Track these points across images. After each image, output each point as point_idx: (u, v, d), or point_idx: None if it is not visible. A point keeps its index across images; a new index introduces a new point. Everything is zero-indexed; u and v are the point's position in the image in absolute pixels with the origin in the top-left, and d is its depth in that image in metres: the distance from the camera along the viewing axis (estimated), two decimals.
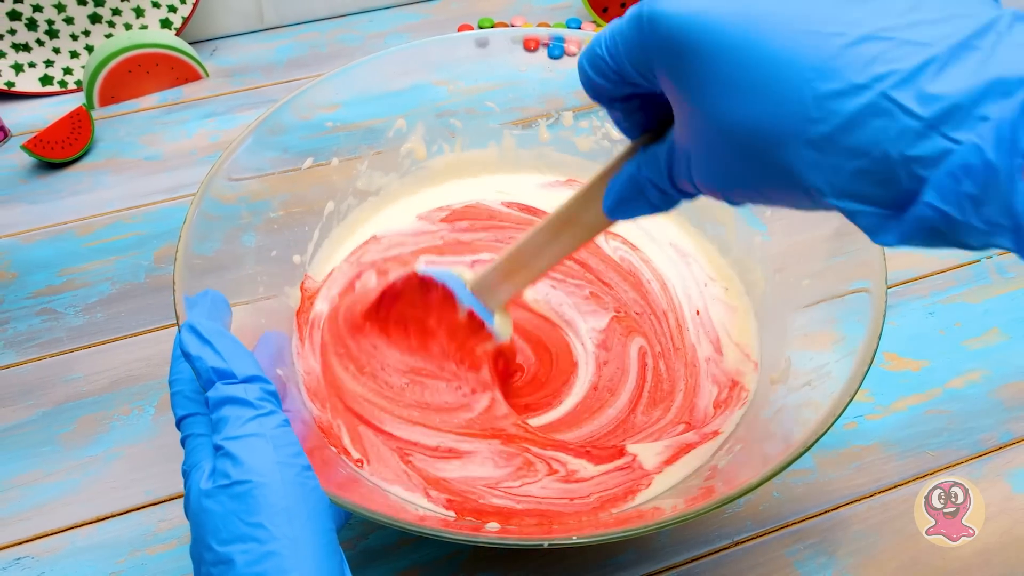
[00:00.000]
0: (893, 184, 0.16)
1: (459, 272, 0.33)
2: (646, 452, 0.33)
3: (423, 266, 0.33)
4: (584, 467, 0.32)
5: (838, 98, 0.16)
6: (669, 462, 0.32)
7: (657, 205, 0.23)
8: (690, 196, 0.22)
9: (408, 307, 0.34)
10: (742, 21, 0.17)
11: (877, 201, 0.16)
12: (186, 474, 0.23)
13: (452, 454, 0.32)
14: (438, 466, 0.32)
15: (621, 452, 0.32)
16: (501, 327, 0.32)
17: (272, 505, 0.21)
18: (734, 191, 0.19)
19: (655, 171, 0.22)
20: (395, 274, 0.34)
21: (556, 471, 0.32)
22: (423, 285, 0.33)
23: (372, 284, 0.37)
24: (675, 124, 0.21)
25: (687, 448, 0.33)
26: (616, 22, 0.20)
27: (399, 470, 0.31)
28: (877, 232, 0.17)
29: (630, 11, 0.20)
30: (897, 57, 0.15)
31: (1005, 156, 0.14)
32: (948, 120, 0.15)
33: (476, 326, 0.32)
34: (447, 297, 0.32)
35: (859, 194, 0.16)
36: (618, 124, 0.24)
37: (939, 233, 0.16)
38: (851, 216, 0.17)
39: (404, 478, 0.31)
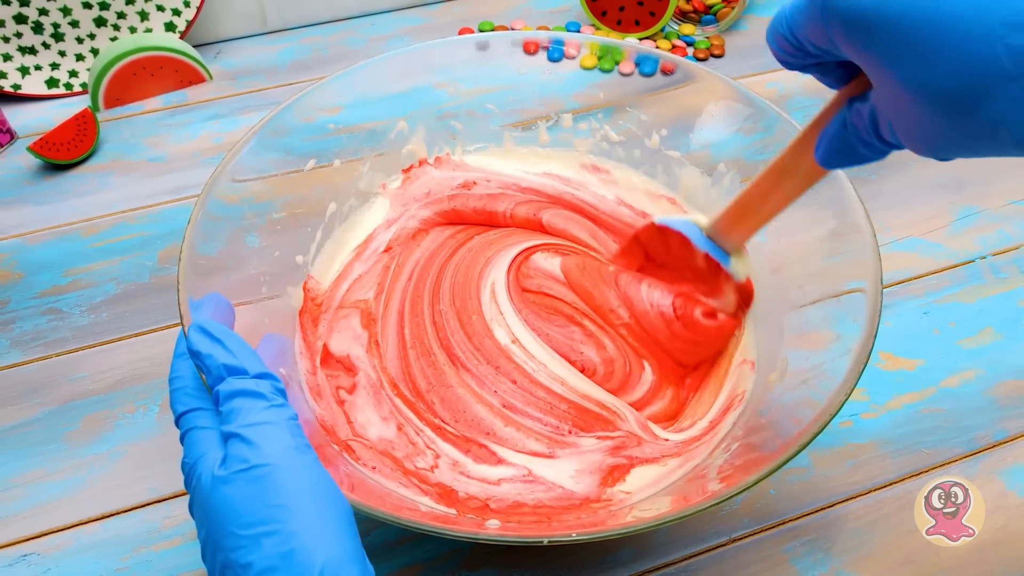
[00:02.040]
0: None
1: (695, 219, 0.35)
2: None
3: (660, 217, 0.36)
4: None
5: None
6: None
7: (866, 157, 0.24)
8: (899, 148, 0.22)
9: (651, 254, 0.37)
10: None
11: None
12: (190, 467, 0.23)
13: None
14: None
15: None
16: (737, 267, 0.35)
17: (294, 487, 0.21)
18: (940, 148, 0.20)
19: (861, 129, 0.22)
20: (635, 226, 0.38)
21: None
22: (661, 233, 0.36)
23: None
24: (874, 87, 0.21)
25: (686, 445, 0.33)
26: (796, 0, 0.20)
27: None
28: None
29: None
30: None
31: None
32: None
33: (714, 268, 0.35)
34: (684, 243, 0.35)
35: None
36: (820, 79, 0.24)
37: None
38: None
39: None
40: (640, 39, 0.61)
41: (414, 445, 0.33)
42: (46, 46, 0.56)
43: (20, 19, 0.55)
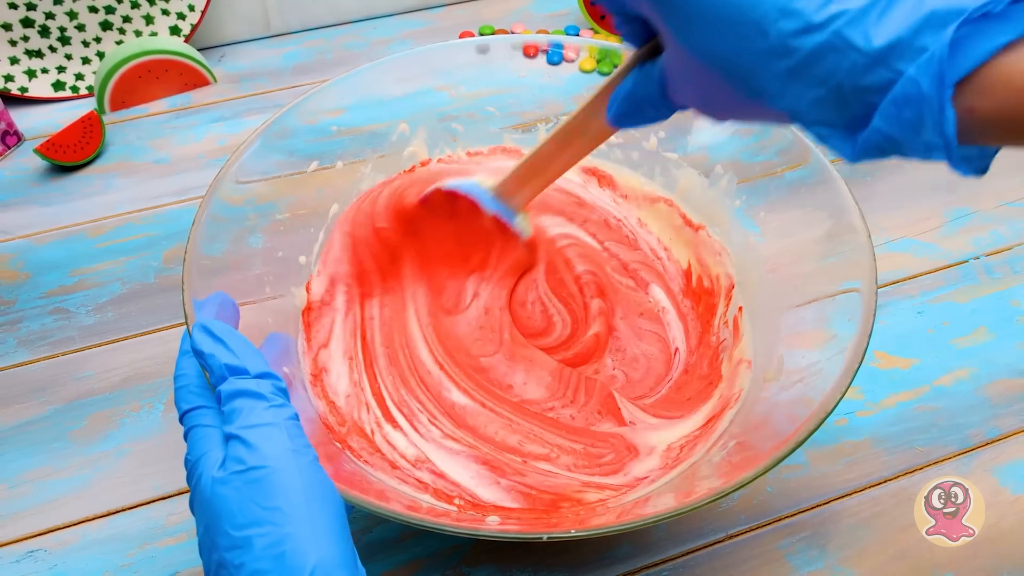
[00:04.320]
0: (848, 110, 0.18)
1: (480, 181, 0.35)
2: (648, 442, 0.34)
3: (448, 181, 0.36)
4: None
5: (798, 36, 0.17)
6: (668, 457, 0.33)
7: (654, 117, 0.25)
8: (683, 109, 0.24)
9: (437, 221, 0.37)
10: None
11: (835, 123, 0.18)
12: (192, 464, 0.23)
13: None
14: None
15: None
16: (523, 225, 0.36)
17: (288, 490, 0.21)
18: (717, 110, 0.21)
19: (650, 89, 0.24)
20: (421, 192, 0.37)
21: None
22: (448, 198, 0.36)
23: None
24: (663, 48, 0.22)
25: (686, 444, 0.33)
26: None
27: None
28: (837, 149, 0.19)
29: None
30: None
31: (936, 86, 0.16)
32: (891, 53, 0.16)
33: (501, 227, 0.35)
34: (472, 206, 0.35)
35: (820, 118, 0.18)
36: (619, 31, 0.25)
37: (887, 151, 0.18)
38: (816, 136, 0.19)
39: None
40: None
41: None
42: (53, 50, 0.57)
43: (27, 23, 0.55)
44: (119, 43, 0.58)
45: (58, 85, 0.58)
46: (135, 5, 0.57)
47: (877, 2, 0.16)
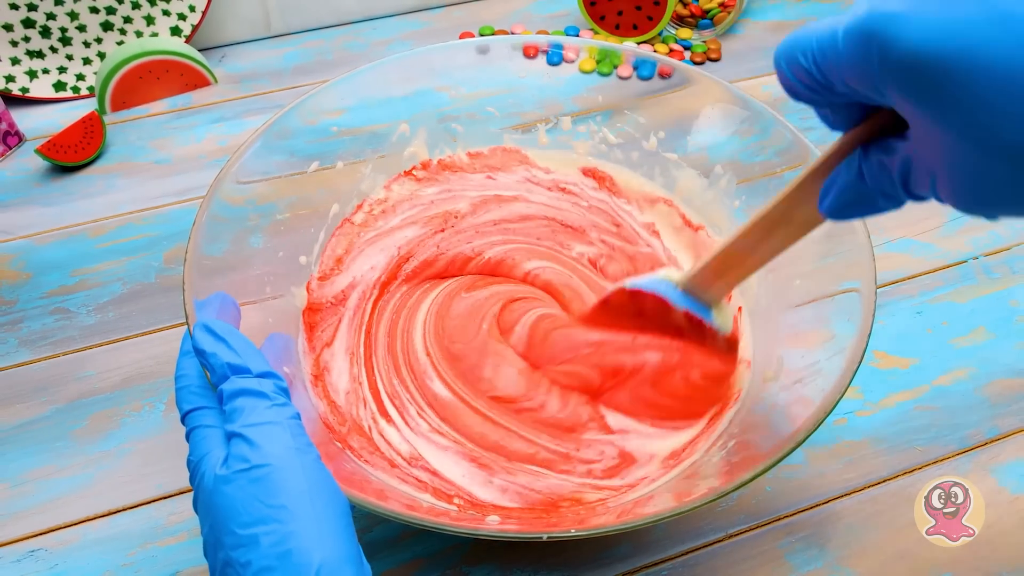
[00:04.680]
0: None
1: (667, 275, 0.33)
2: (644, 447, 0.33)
3: (630, 279, 0.33)
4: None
5: None
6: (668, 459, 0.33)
7: (884, 208, 0.22)
8: (926, 199, 0.20)
9: (622, 323, 0.34)
10: (1003, 37, 0.15)
11: None
12: (195, 464, 0.23)
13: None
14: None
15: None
16: (721, 319, 0.32)
17: (293, 488, 0.21)
18: (993, 205, 0.18)
19: (884, 182, 0.20)
20: (604, 291, 0.35)
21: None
22: (633, 297, 0.33)
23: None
24: (913, 139, 0.19)
25: (685, 445, 0.33)
26: (825, 30, 0.18)
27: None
28: None
29: (847, 23, 0.18)
30: None
31: None
32: None
33: (695, 324, 0.32)
34: (659, 303, 0.32)
35: None
36: (824, 120, 0.22)
37: None
38: None
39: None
40: (638, 43, 0.61)
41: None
42: (54, 50, 0.57)
43: (28, 24, 0.55)
44: (120, 44, 0.58)
45: (59, 85, 0.58)
46: (136, 6, 0.57)
47: None
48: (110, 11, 0.57)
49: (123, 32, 0.58)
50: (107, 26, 0.58)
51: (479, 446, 0.33)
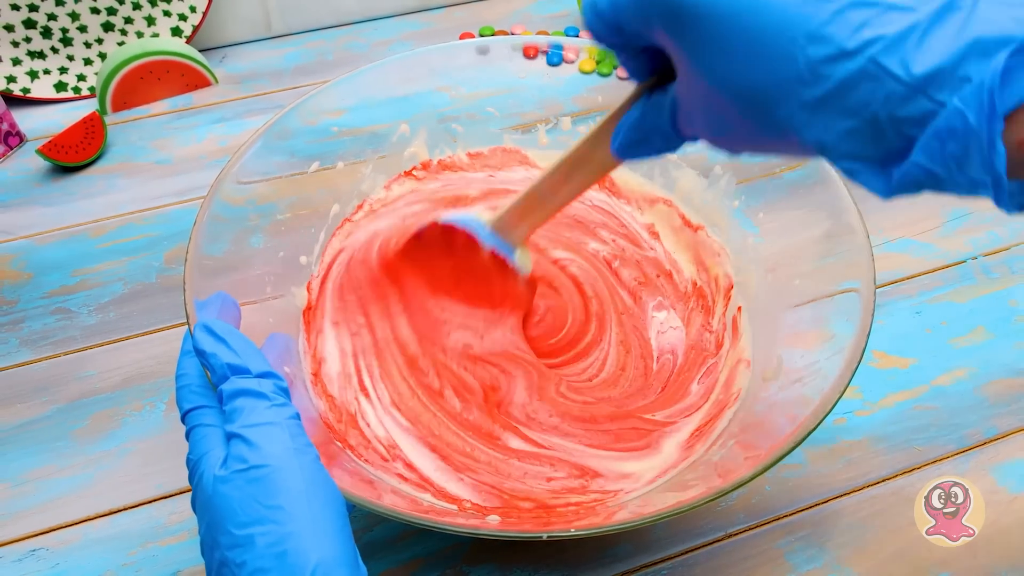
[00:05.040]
0: (883, 143, 0.17)
1: (478, 214, 0.34)
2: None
3: (444, 214, 0.34)
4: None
5: (830, 63, 0.16)
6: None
7: (661, 148, 0.24)
8: (694, 140, 0.23)
9: (433, 256, 0.35)
10: None
11: (868, 157, 0.17)
12: (194, 463, 0.23)
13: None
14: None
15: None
16: (523, 261, 0.34)
17: (290, 489, 0.21)
18: (734, 143, 0.20)
19: (659, 119, 0.23)
20: (417, 224, 0.35)
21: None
22: (445, 232, 0.34)
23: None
24: (677, 77, 0.21)
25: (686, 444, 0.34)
26: None
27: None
28: (868, 185, 0.18)
29: None
30: (883, 23, 0.16)
31: (985, 119, 0.15)
32: (932, 83, 0.15)
33: (499, 263, 0.34)
34: (470, 240, 0.34)
35: (851, 151, 0.17)
36: (624, 66, 0.24)
37: (925, 186, 0.17)
38: (845, 170, 0.18)
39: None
40: None
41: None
42: (55, 51, 0.57)
43: (29, 24, 0.55)
44: (121, 44, 0.58)
45: (60, 86, 0.58)
46: (137, 6, 0.57)
47: (915, 27, 0.15)
48: (111, 12, 0.57)
49: (124, 33, 0.58)
50: (108, 27, 0.58)
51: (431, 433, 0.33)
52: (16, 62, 0.56)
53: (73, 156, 0.52)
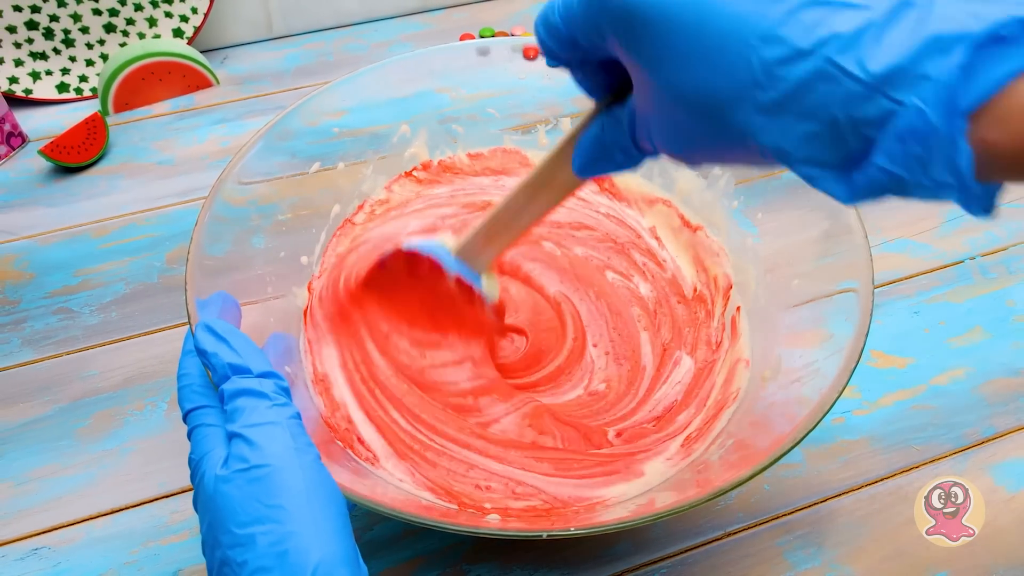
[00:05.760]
0: (843, 146, 0.16)
1: (443, 240, 0.33)
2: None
3: (407, 240, 0.34)
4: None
5: (784, 64, 0.16)
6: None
7: (622, 164, 0.24)
8: (653, 155, 0.22)
9: (398, 283, 0.34)
10: None
11: (828, 162, 0.16)
12: (196, 463, 0.23)
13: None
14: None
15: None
16: (489, 287, 0.33)
17: (291, 488, 0.21)
18: (692, 153, 0.20)
19: (618, 133, 0.22)
20: (382, 252, 0.34)
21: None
22: (410, 260, 0.33)
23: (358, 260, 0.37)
24: (633, 89, 0.21)
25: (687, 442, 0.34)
26: None
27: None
28: (829, 191, 0.17)
29: None
30: (838, 21, 0.15)
31: (946, 118, 0.14)
32: (890, 81, 0.15)
33: (465, 290, 0.33)
34: (434, 267, 0.33)
35: (811, 156, 0.17)
36: (580, 85, 0.24)
37: (888, 190, 0.16)
38: (805, 177, 0.17)
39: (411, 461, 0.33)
40: None
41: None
42: (57, 52, 0.57)
43: (32, 25, 0.56)
44: (123, 45, 0.59)
45: (62, 87, 0.58)
46: (138, 8, 0.58)
47: (871, 25, 0.15)
48: (113, 13, 0.57)
49: (126, 34, 0.59)
50: (110, 28, 0.58)
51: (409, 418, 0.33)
52: (18, 63, 0.57)
53: (75, 157, 0.52)
